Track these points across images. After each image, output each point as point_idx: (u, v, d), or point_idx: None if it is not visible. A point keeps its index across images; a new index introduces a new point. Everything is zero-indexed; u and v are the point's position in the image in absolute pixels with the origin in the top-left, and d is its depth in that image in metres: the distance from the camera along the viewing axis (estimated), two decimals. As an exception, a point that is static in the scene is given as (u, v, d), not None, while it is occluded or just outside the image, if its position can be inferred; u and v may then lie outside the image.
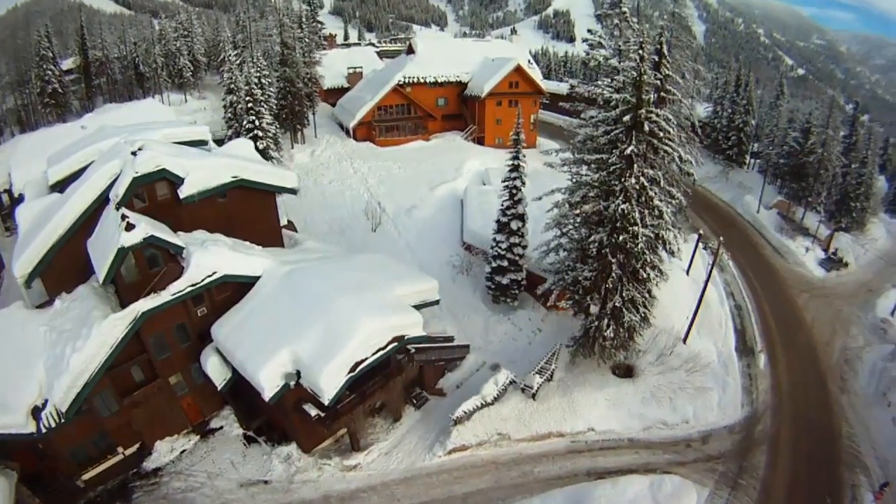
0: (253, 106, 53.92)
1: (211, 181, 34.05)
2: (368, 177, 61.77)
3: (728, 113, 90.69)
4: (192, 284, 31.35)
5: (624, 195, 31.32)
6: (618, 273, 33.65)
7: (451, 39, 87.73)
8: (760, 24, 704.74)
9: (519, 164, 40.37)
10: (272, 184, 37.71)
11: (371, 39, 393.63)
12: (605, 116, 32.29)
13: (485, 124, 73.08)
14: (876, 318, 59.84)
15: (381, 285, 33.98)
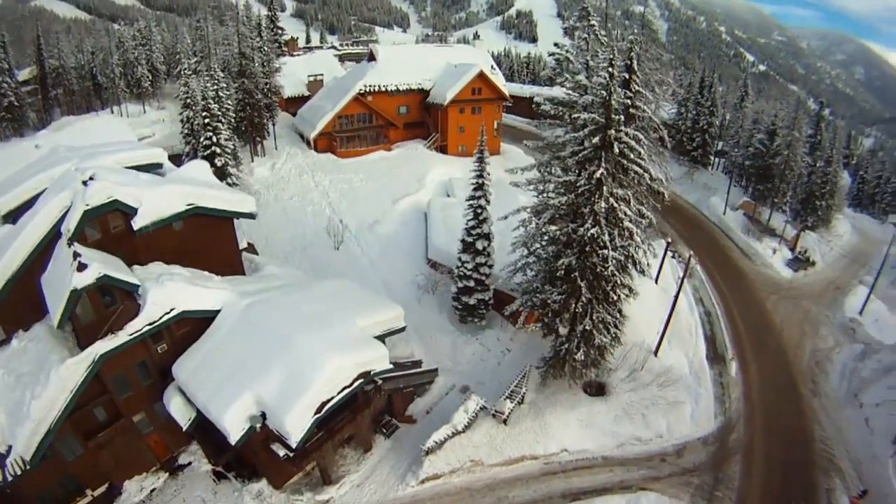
0: (210, 122, 51.69)
1: (165, 210, 32.30)
2: (330, 191, 59.99)
3: (693, 114, 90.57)
4: (150, 323, 29.92)
5: (593, 218, 30.24)
6: (588, 296, 32.60)
7: (413, 46, 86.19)
8: (722, 21, 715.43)
9: (483, 182, 39.09)
10: (229, 210, 35.98)
11: (333, 42, 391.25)
12: (572, 137, 31.08)
13: (448, 132, 71.90)
14: (844, 318, 60.17)
15: (344, 317, 32.47)
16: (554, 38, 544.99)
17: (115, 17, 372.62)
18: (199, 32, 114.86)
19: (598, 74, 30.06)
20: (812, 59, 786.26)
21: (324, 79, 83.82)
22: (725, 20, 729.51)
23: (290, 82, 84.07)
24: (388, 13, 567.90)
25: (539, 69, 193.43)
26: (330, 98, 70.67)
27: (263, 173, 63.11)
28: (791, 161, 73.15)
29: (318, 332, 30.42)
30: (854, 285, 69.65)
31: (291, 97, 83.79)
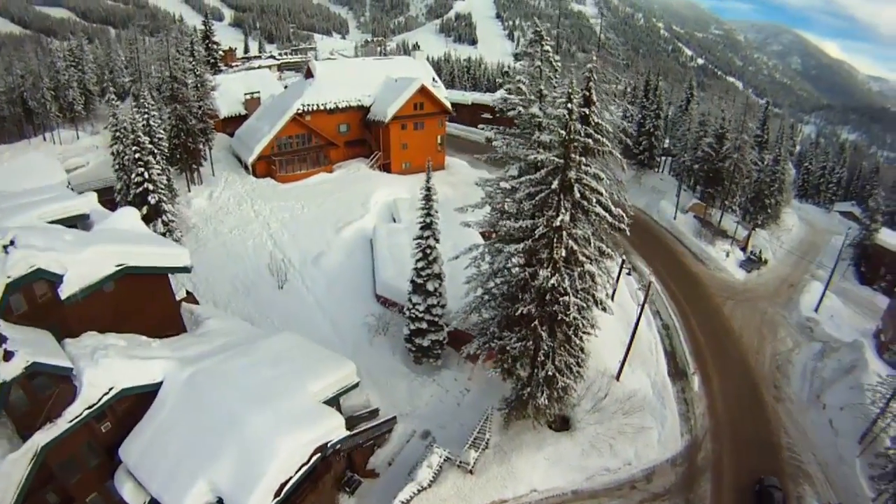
0: (140, 156, 48.12)
1: (94, 275, 29.17)
2: (271, 220, 56.77)
3: (638, 118, 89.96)
4: (90, 406, 27.12)
5: (552, 266, 28.11)
6: (549, 344, 30.52)
7: (352, 60, 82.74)
8: (660, 17, 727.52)
9: (431, 220, 36.59)
10: (162, 266, 32.96)
11: (272, 52, 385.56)
12: (528, 179, 28.72)
13: (390, 150, 69.11)
14: (801, 317, 60.57)
15: (294, 385, 29.70)
16: (493, 39, 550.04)
17: (51, 30, 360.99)
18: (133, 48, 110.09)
19: (553, 106, 27.93)
20: (749, 51, 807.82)
21: (261, 96, 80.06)
22: (663, 16, 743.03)
23: (225, 101, 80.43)
24: (327, 20, 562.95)
25: (479, 74, 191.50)
26: (267, 118, 67.23)
27: (201, 204, 59.43)
28: (740, 163, 72.78)
29: (268, 408, 27.94)
30: (807, 281, 70.39)
31: (228, 117, 79.86)
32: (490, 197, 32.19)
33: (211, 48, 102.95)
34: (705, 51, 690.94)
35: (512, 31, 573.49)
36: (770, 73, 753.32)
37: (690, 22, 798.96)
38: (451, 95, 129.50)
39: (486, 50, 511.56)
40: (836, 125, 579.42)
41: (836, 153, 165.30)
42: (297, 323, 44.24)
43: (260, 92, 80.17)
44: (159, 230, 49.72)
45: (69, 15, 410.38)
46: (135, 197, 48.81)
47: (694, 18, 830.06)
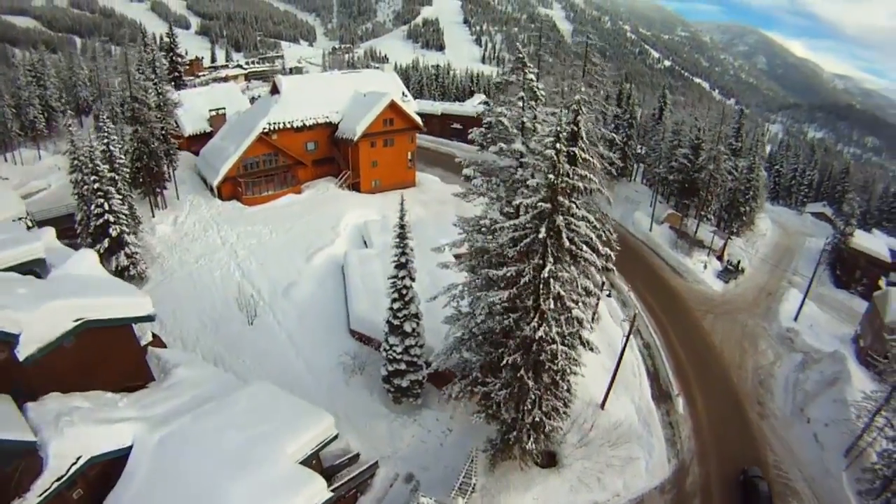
0: (100, 186, 45.50)
1: (52, 332, 26.72)
2: (238, 248, 54.25)
3: (611, 128, 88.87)
4: (59, 478, 24.78)
5: (539, 316, 26.33)
6: (536, 392, 28.83)
7: (319, 75, 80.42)
8: (626, 20, 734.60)
9: (407, 259, 34.58)
10: (124, 317, 30.68)
11: (239, 60, 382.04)
12: (511, 225, 26.70)
13: (359, 169, 66.99)
14: (781, 328, 60.12)
15: (271, 447, 27.47)
16: (461, 45, 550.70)
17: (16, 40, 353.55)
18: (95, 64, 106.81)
19: (539, 143, 26.15)
20: (715, 52, 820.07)
21: (226, 112, 77.43)
22: (630, 19, 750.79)
23: (190, 118, 77.91)
24: (294, 27, 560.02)
25: (448, 82, 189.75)
26: (232, 138, 64.75)
27: (165, 231, 56.74)
28: (716, 174, 72.07)
29: (246, 476, 25.80)
30: (784, 289, 70.18)
31: (193, 135, 77.34)
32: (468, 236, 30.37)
33: (175, 61, 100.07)
34: (672, 53, 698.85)
35: (479, 37, 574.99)
36: (736, 74, 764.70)
37: (657, 24, 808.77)
38: (420, 106, 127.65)
39: (454, 55, 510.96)
40: (803, 123, 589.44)
41: (806, 155, 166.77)
42: (269, 363, 42.19)
43: (225, 108, 77.58)
44: (122, 263, 47.39)
45: (35, 24, 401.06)
46: (95, 229, 46.27)
47: (660, 21, 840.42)
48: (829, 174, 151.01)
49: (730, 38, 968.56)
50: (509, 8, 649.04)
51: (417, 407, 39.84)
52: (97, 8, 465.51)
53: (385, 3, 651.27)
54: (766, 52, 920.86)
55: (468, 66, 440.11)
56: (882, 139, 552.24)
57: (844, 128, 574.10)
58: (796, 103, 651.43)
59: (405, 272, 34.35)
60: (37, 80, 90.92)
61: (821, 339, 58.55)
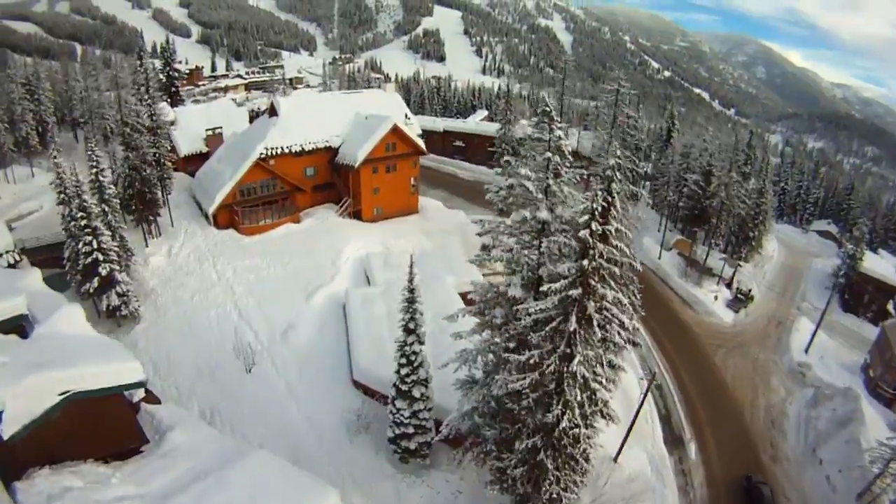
0: (88, 223, 43.05)
1: (36, 408, 24.78)
2: (235, 283, 51.75)
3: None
4: None
5: (563, 404, 24.27)
6: (556, 474, 26.76)
7: (318, 95, 77.43)
8: (626, 31, 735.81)
9: (416, 325, 32.21)
10: (112, 386, 28.63)
11: (239, 70, 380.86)
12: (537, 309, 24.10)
13: (361, 196, 64.57)
14: (793, 362, 58.81)
15: None
16: (462, 56, 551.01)
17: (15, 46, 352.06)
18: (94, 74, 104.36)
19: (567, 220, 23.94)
20: (715, 61, 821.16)
21: (223, 132, 75.36)
22: (629, 29, 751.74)
23: (186, 137, 75.76)
24: (295, 36, 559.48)
25: (450, 96, 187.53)
26: (229, 162, 62.50)
27: (159, 263, 54.30)
28: (728, 201, 70.22)
29: None
30: (795, 317, 69.10)
31: (189, 155, 75.24)
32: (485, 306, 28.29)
33: (172, 75, 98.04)
34: (672, 63, 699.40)
35: (480, 48, 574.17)
36: (736, 84, 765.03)
37: (656, 34, 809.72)
38: (421, 122, 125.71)
39: (455, 66, 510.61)
40: (803, 133, 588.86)
41: (810, 170, 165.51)
42: (268, 416, 39.92)
43: (222, 127, 75.47)
44: (113, 302, 45.04)
45: (36, 30, 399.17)
46: (84, 267, 44.01)
47: (659, 31, 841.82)
48: (834, 191, 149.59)
49: (729, 48, 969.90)
50: (509, 19, 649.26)
51: (426, 467, 37.52)
52: (99, 15, 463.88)
53: (386, 14, 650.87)
54: (765, 61, 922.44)
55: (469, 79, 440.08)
56: (882, 149, 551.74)
57: (844, 138, 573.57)
58: (796, 113, 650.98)
59: (414, 338, 32.12)
60: (31, 93, 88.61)
61: (832, 372, 57.83)
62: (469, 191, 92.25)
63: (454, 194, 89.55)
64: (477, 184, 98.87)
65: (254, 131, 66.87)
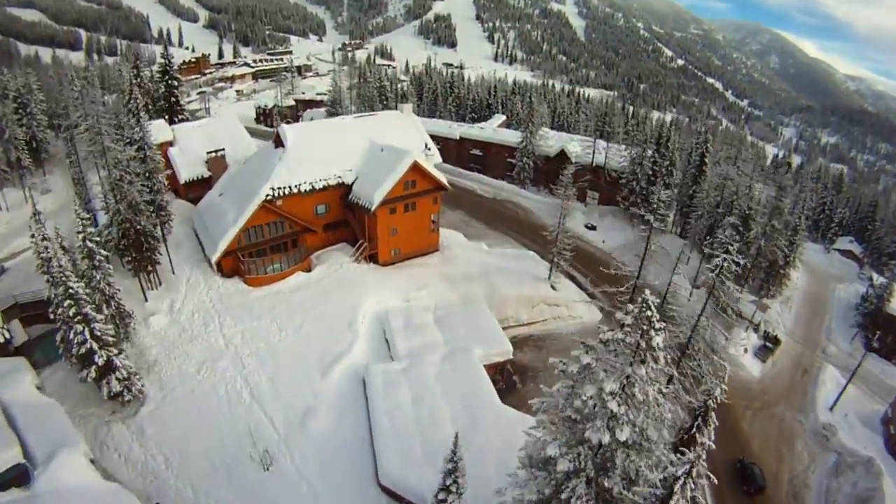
0: (77, 309, 38.16)
1: None
2: (243, 352, 47.20)
3: (648, 174, 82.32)
4: None
5: None
6: None
7: (329, 123, 69.93)
8: (639, 17, 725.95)
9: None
10: None
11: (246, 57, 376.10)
12: None
13: (377, 239, 59.87)
14: (817, 423, 56.60)
15: None
16: (473, 42, 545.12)
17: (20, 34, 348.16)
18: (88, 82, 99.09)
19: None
20: (728, 50, 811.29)
21: (225, 154, 70.82)
22: (643, 16, 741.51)
23: (186, 161, 71.12)
24: (304, 20, 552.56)
25: (464, 93, 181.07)
26: (232, 199, 57.70)
27: (161, 323, 49.79)
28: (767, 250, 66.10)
29: None
30: (821, 364, 66.65)
31: (190, 181, 71.00)
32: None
33: (171, 85, 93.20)
34: (685, 51, 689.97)
35: (492, 34, 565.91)
36: (749, 73, 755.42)
37: (669, 21, 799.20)
38: (435, 127, 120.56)
39: (467, 53, 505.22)
40: (817, 128, 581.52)
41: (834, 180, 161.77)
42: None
43: (224, 149, 71.03)
44: (114, 389, 40.81)
45: (41, 17, 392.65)
46: (80, 356, 39.80)
47: (673, 17, 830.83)
48: (858, 206, 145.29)
49: (742, 36, 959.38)
50: (522, 3, 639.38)
51: None
52: (104, 0, 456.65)
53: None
54: (778, 51, 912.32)
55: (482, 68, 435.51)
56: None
57: (858, 133, 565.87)
58: (809, 105, 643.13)
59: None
60: (23, 107, 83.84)
61: (855, 432, 56.19)
62: (489, 212, 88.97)
63: (473, 216, 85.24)
64: (496, 203, 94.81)
65: (258, 164, 61.78)
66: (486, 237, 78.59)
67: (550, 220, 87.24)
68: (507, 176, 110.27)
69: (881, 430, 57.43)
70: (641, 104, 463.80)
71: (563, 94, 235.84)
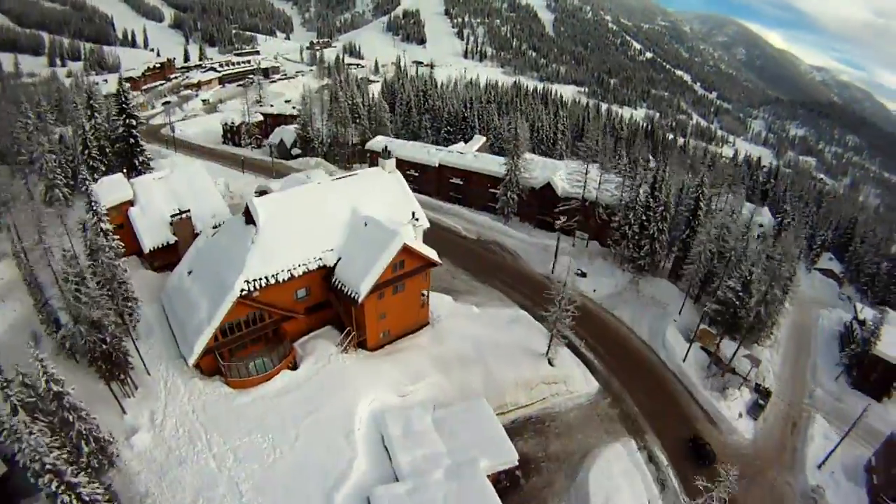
0: (50, 469, 32.11)
1: None
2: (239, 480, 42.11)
3: (641, 219, 78.79)
4: None
5: None
6: None
7: (305, 190, 59.22)
8: (607, 10, 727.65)
9: None
10: None
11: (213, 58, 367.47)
12: None
13: (365, 326, 55.19)
14: (806, 486, 56.45)
15: None
16: (443, 38, 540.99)
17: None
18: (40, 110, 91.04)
19: None
20: (695, 42, 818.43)
21: (191, 215, 64.63)
22: (611, 8, 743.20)
23: (149, 225, 66.13)
24: (271, 18, 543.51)
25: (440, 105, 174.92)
26: (204, 285, 52.60)
27: (144, 442, 44.55)
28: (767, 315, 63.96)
29: None
30: (810, 414, 66.98)
31: (154, 250, 65.82)
32: None
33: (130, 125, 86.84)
34: (653, 43, 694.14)
35: (461, 30, 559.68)
36: (716, 65, 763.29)
37: (637, 13, 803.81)
38: (412, 152, 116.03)
39: (436, 50, 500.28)
40: (785, 120, 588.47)
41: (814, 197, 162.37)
42: None
43: (189, 211, 65.05)
44: None
45: (3, 20, 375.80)
46: None
47: (640, 10, 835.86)
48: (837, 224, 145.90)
49: (709, 27, 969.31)
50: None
51: None
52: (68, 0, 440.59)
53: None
54: (745, 43, 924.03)
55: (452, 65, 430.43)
56: (862, 138, 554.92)
57: (826, 126, 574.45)
58: (778, 98, 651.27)
59: None
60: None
61: (840, 490, 56.48)
62: (475, 259, 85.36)
63: (459, 265, 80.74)
64: (481, 246, 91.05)
65: (229, 241, 55.66)
66: (475, 292, 74.82)
67: (540, 266, 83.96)
68: (488, 207, 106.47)
69: (864, 479, 58.11)
70: (612, 100, 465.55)
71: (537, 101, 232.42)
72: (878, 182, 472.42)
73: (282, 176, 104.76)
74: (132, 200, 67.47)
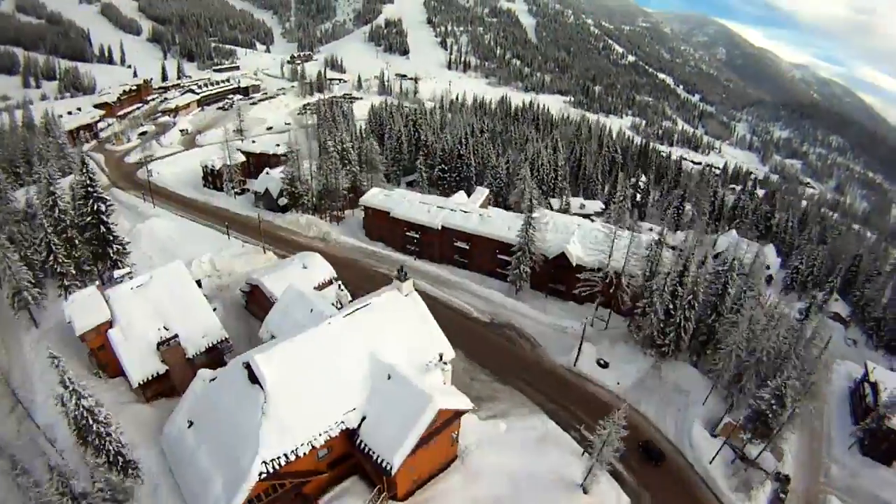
0: None
1: None
2: None
3: (667, 307, 74.32)
4: None
5: None
6: None
7: (312, 341, 47.84)
8: (588, 13, 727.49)
9: None
10: None
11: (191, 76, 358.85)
12: None
13: (397, 484, 49.94)
14: None
15: None
16: (426, 48, 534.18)
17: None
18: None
19: None
20: (676, 42, 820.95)
21: (179, 340, 59.80)
22: (592, 11, 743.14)
23: (134, 353, 59.90)
24: (251, 29, 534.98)
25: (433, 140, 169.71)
26: (214, 457, 47.32)
27: None
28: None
29: None
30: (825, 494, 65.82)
31: (145, 382, 59.75)
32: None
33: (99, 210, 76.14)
34: (635, 46, 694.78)
35: (444, 39, 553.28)
36: (697, 66, 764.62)
37: (617, 15, 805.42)
38: (411, 212, 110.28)
39: (419, 60, 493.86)
40: (768, 122, 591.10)
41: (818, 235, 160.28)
42: None
43: (178, 335, 59.84)
44: None
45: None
46: None
47: (621, 11, 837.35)
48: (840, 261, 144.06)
49: (689, 27, 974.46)
50: (471, 2, 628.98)
51: None
52: (45, 13, 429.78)
53: (345, 1, 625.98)
54: (725, 42, 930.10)
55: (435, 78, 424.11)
56: (846, 138, 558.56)
57: (809, 127, 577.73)
58: (760, 99, 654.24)
59: None
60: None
61: None
62: (492, 351, 79.43)
63: (476, 360, 74.73)
64: (496, 332, 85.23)
65: (233, 406, 49.54)
66: (497, 398, 69.52)
67: (561, 355, 79.10)
68: (496, 273, 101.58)
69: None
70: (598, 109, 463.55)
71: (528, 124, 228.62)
72: (863, 183, 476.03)
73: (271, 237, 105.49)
74: (110, 321, 61.46)
